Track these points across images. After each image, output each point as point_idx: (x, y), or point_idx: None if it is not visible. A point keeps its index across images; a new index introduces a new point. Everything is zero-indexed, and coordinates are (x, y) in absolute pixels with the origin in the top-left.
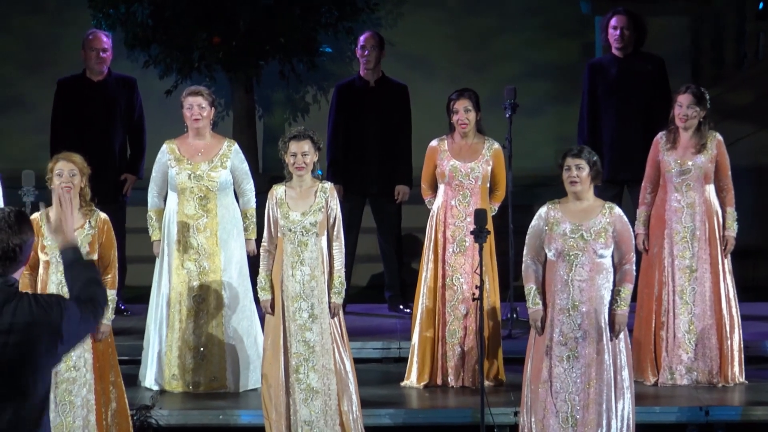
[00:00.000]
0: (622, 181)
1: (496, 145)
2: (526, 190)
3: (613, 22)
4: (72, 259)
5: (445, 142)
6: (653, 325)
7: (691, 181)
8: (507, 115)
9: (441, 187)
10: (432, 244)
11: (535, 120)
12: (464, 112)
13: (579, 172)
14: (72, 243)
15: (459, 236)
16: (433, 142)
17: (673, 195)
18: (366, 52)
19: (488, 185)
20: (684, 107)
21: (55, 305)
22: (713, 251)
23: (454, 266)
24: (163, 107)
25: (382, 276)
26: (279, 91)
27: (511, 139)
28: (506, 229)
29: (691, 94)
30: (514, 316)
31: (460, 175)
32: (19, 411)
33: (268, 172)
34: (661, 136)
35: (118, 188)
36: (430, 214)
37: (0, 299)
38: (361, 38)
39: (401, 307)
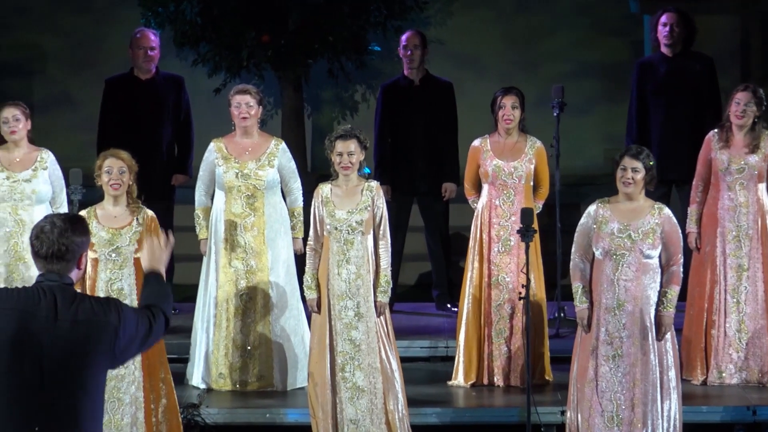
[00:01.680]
0: (670, 180)
1: (539, 144)
2: (574, 189)
3: (662, 19)
4: (152, 279)
5: (488, 141)
6: (704, 324)
7: (744, 180)
8: (555, 114)
9: (485, 187)
10: (477, 243)
11: (583, 119)
12: (511, 108)
13: (634, 174)
14: (158, 270)
15: (504, 235)
16: (476, 142)
17: (726, 193)
18: (409, 52)
19: (532, 184)
20: (742, 104)
21: (113, 306)
22: (765, 250)
23: (500, 265)
24: (211, 106)
25: (429, 275)
26: (328, 90)
27: (558, 138)
28: (554, 228)
29: (750, 92)
30: (562, 315)
31: (503, 174)
32: (74, 406)
33: (317, 171)
34: (713, 135)
35: (166, 186)
36: (475, 214)
37: (61, 299)
38: (403, 37)
39: (449, 305)
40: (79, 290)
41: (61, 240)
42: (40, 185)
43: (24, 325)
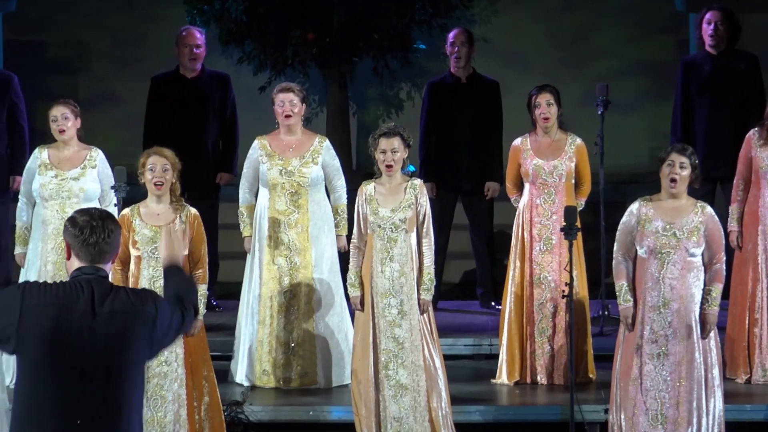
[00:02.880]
0: (715, 178)
1: (579, 141)
2: (619, 187)
3: (707, 17)
4: (174, 271)
5: (528, 140)
6: (746, 323)
7: None
8: (599, 112)
9: (526, 186)
10: (518, 243)
11: (629, 117)
12: (546, 106)
13: (681, 170)
14: (178, 262)
15: (545, 234)
16: (516, 141)
17: (767, 191)
18: (456, 49)
19: (573, 181)
20: None
21: (149, 297)
22: None
23: (542, 264)
24: (256, 103)
25: (474, 273)
26: (373, 88)
27: (602, 136)
28: (598, 226)
29: None
30: (605, 313)
31: (543, 173)
32: (115, 398)
33: (362, 169)
34: (753, 133)
35: (211, 184)
36: (516, 213)
37: (98, 291)
38: (451, 35)
39: (493, 303)
40: None
41: (107, 229)
42: (88, 183)
43: (63, 320)
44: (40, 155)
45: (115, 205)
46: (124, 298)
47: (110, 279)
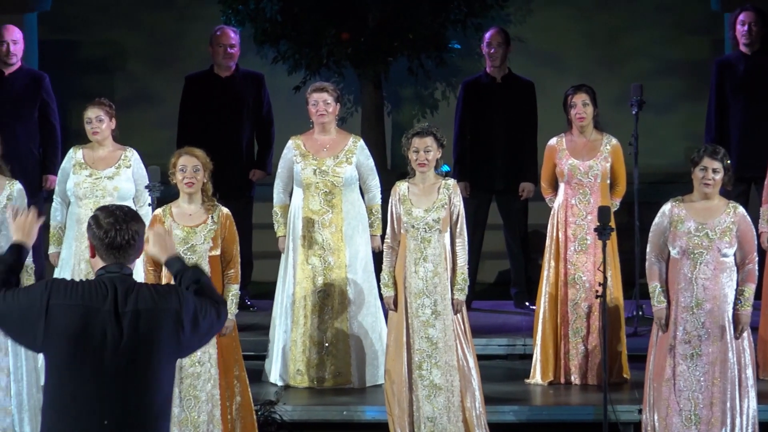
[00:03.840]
0: (750, 178)
1: (614, 141)
2: (654, 187)
3: (741, 18)
4: (181, 269)
5: (563, 140)
6: None
7: None
8: (633, 112)
9: (561, 186)
10: (553, 243)
11: (664, 117)
12: (582, 106)
13: (714, 174)
14: (174, 253)
15: (580, 234)
16: (552, 141)
17: None
18: (492, 49)
19: (608, 182)
20: None
21: (173, 292)
22: None
23: (576, 264)
24: (291, 103)
25: (508, 273)
26: (407, 88)
27: (637, 136)
28: (632, 227)
29: None
30: (640, 313)
31: (579, 173)
32: (142, 398)
33: (397, 169)
34: None
35: (245, 184)
36: (551, 213)
37: (122, 288)
38: (487, 35)
39: (527, 303)
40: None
41: (131, 228)
42: (123, 183)
43: (88, 320)
44: (74, 155)
45: (149, 204)
46: (147, 296)
47: (140, 277)
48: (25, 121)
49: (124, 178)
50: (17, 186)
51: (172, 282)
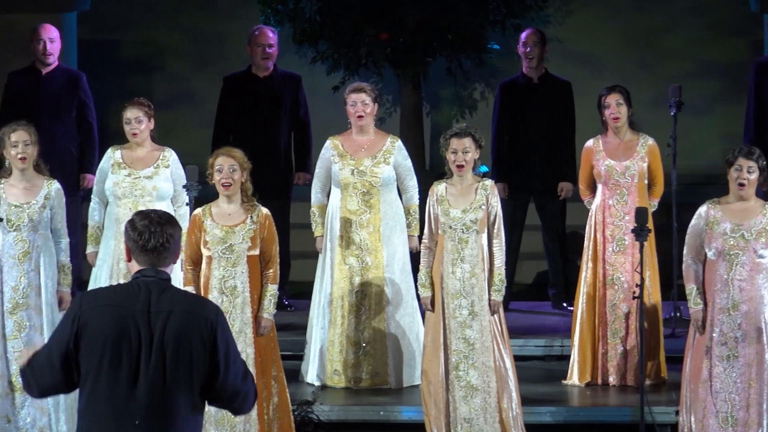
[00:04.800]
0: None
1: (651, 141)
2: (692, 189)
3: None
4: None
5: (600, 141)
6: None
7: None
8: (672, 113)
9: (599, 187)
10: (591, 243)
11: (702, 118)
12: (616, 106)
13: (749, 174)
14: None
15: (618, 235)
16: (589, 143)
17: None
18: (528, 49)
19: (646, 182)
20: None
21: (212, 306)
22: None
23: (614, 265)
24: (330, 103)
25: (546, 273)
26: (446, 88)
27: (675, 137)
28: (670, 228)
29: None
30: (678, 314)
31: (615, 174)
32: (174, 398)
33: (436, 169)
34: None
35: (283, 184)
36: (589, 214)
37: (156, 290)
38: (523, 35)
39: (565, 304)
40: (191, 287)
41: (166, 231)
42: (161, 183)
43: (122, 322)
44: (113, 155)
45: (187, 204)
46: (181, 299)
47: (179, 278)
48: (62, 121)
49: (163, 178)
50: (55, 185)
51: (212, 279)
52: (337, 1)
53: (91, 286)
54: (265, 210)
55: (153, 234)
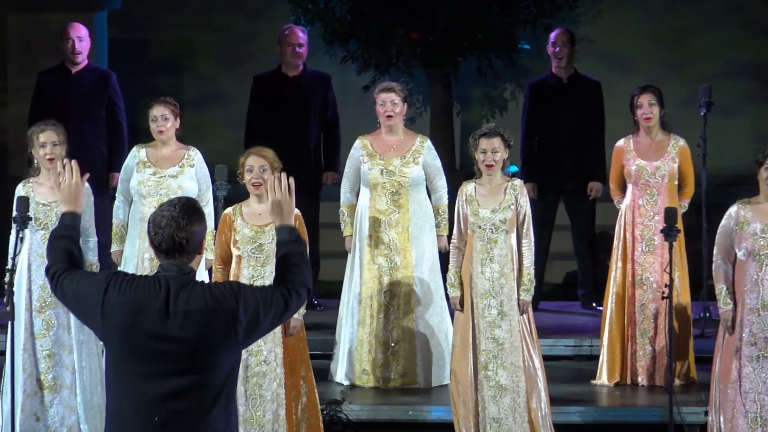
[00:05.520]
0: None
1: (682, 142)
2: (722, 189)
3: None
4: (286, 239)
5: (631, 141)
6: None
7: None
8: (702, 114)
9: (629, 187)
10: (621, 243)
11: (733, 119)
12: (648, 106)
13: None
14: (289, 223)
15: (647, 235)
16: (619, 142)
17: None
18: (557, 49)
19: (676, 183)
20: None
21: (228, 293)
22: None
23: (644, 265)
24: (360, 103)
25: (575, 274)
26: (477, 88)
27: (705, 138)
28: (700, 228)
29: None
30: (707, 315)
31: (646, 174)
32: (200, 394)
33: (465, 169)
34: None
35: (313, 184)
36: (619, 214)
37: (175, 287)
38: (552, 35)
39: (594, 304)
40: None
41: (180, 233)
42: (186, 182)
43: (137, 319)
44: (138, 153)
45: (220, 200)
46: (200, 296)
47: (205, 274)
48: (92, 120)
49: (188, 177)
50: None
51: (241, 279)
52: (367, 1)
53: None
54: (296, 210)
55: (165, 228)
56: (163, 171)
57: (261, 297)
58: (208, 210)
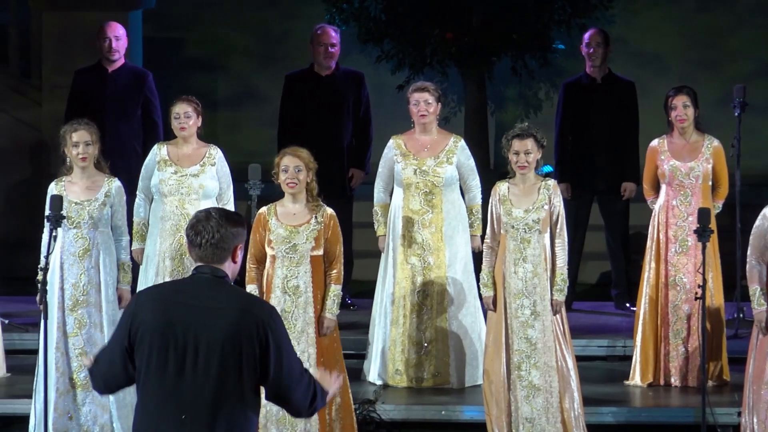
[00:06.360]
0: None
1: (716, 143)
2: (756, 189)
3: None
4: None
5: (665, 141)
6: None
7: None
8: (736, 114)
9: (662, 187)
10: (654, 244)
11: (767, 119)
12: (683, 108)
13: None
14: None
15: (681, 236)
16: (653, 143)
17: None
18: (591, 49)
19: (710, 183)
20: None
21: (266, 307)
22: None
23: (677, 266)
24: (395, 102)
25: (609, 274)
26: (511, 88)
27: (740, 138)
28: (734, 229)
29: None
30: (741, 315)
31: (680, 174)
32: (220, 396)
33: (500, 169)
34: None
35: (346, 183)
36: (652, 214)
37: (208, 286)
38: (586, 36)
39: (627, 305)
40: (254, 286)
41: (216, 230)
42: (207, 180)
43: (168, 317)
44: (159, 151)
45: (253, 201)
46: (234, 295)
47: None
48: (128, 119)
49: (209, 176)
50: (116, 183)
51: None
52: (402, 0)
53: (139, 284)
54: (330, 210)
55: (201, 231)
56: (185, 170)
57: (287, 342)
58: (229, 208)
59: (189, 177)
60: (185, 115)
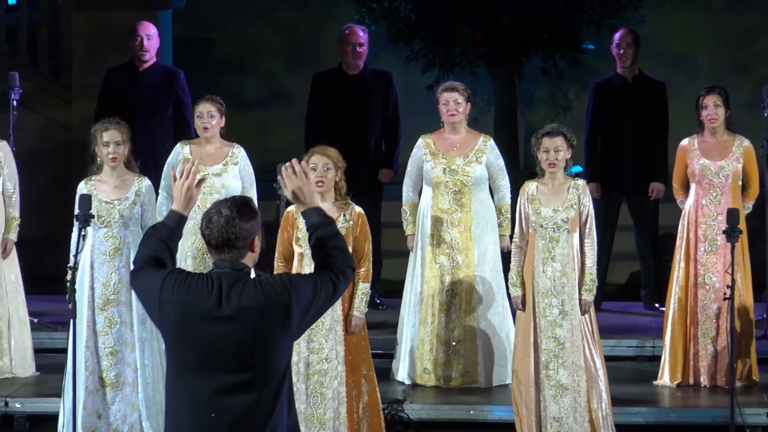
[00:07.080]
0: None
1: (747, 143)
2: None
3: None
4: (316, 222)
5: (696, 140)
6: None
7: None
8: (765, 114)
9: (692, 187)
10: (684, 243)
11: None
12: (713, 107)
13: None
14: (313, 205)
15: (710, 235)
16: (684, 141)
17: None
18: (621, 50)
19: (740, 183)
20: None
21: (280, 287)
22: None
23: (706, 265)
24: (425, 102)
25: (638, 274)
26: (541, 88)
27: None
28: (763, 229)
29: None
30: None
31: (710, 173)
32: (256, 389)
33: (529, 168)
34: None
35: (374, 182)
36: (682, 214)
37: (227, 284)
38: (616, 36)
39: (656, 305)
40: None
41: (229, 229)
42: (230, 180)
43: (190, 317)
44: (181, 150)
45: (277, 201)
46: (252, 292)
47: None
48: (159, 117)
49: (232, 176)
50: (146, 182)
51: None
52: (431, 0)
53: None
54: (358, 209)
55: (213, 225)
56: (207, 169)
57: (312, 286)
58: None
59: (212, 176)
60: (209, 115)
